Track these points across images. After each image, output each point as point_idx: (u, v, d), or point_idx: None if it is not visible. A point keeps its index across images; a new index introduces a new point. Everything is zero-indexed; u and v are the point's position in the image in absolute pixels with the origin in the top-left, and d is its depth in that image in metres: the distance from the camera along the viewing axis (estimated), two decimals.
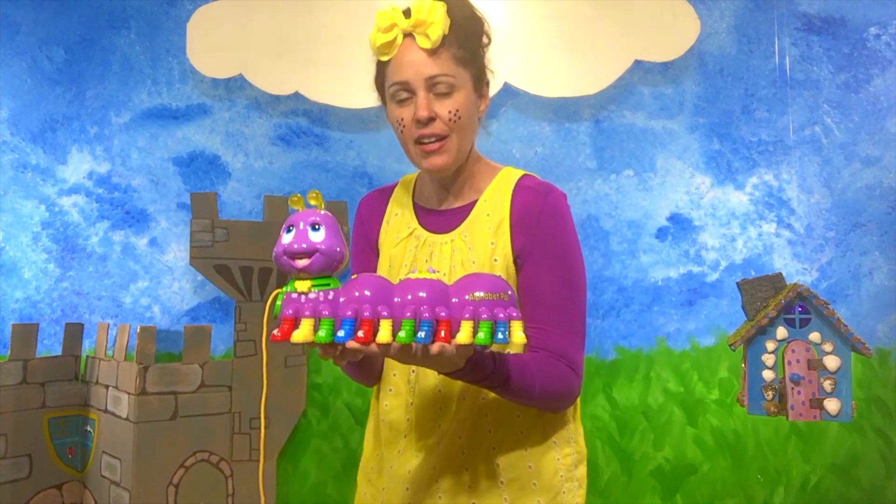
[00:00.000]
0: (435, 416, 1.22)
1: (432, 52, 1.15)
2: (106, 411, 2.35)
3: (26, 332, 2.39)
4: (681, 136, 2.69)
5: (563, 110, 2.71)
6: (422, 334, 0.91)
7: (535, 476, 1.21)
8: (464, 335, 0.91)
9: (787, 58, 2.68)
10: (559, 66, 2.64)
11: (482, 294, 0.94)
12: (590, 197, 2.68)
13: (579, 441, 1.30)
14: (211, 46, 2.66)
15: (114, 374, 2.33)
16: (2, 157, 2.70)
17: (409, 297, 0.93)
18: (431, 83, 1.16)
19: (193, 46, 2.66)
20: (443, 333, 0.92)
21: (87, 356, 2.52)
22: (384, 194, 1.37)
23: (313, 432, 2.59)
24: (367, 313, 0.91)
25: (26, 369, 2.36)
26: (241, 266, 2.44)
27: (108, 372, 2.36)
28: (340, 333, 0.90)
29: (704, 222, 2.66)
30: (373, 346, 0.92)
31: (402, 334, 0.91)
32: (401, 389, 1.26)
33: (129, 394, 2.24)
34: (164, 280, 2.68)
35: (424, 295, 0.93)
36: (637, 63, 2.65)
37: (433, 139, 1.17)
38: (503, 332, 0.92)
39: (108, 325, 2.49)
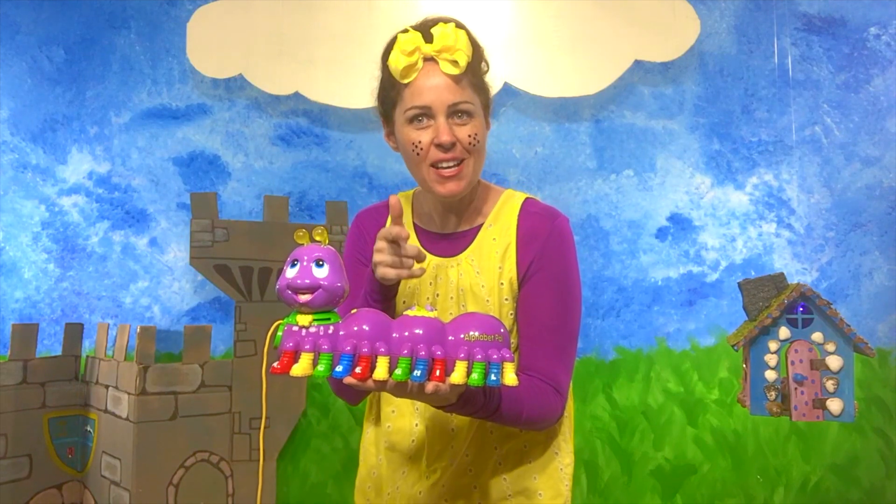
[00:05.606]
0: (444, 437, 1.23)
1: (457, 79, 1.15)
2: (106, 411, 2.35)
3: (26, 332, 2.39)
4: (681, 136, 2.69)
5: (563, 110, 2.71)
6: (417, 373, 0.94)
7: (541, 487, 1.24)
8: (458, 375, 0.94)
9: (788, 58, 2.68)
10: (559, 66, 2.64)
11: (477, 334, 0.96)
12: (590, 197, 2.68)
13: (572, 445, 1.31)
14: (211, 46, 2.66)
15: (114, 374, 2.33)
16: (2, 157, 2.70)
17: (407, 333, 0.96)
18: (453, 109, 1.15)
19: (193, 46, 2.65)
20: (438, 372, 0.95)
21: (87, 356, 2.52)
22: (382, 212, 1.33)
23: (313, 432, 2.59)
24: (365, 349, 0.94)
25: (26, 369, 2.36)
26: (240, 266, 2.44)
27: (108, 372, 2.36)
28: (339, 368, 0.93)
29: (704, 222, 2.66)
30: (369, 382, 0.94)
31: (398, 372, 0.93)
32: (405, 411, 1.26)
33: (129, 394, 2.24)
34: (164, 280, 2.67)
35: (421, 332, 0.96)
36: (637, 63, 2.65)
37: (452, 164, 1.16)
38: (496, 374, 0.95)
39: (108, 325, 2.48)
